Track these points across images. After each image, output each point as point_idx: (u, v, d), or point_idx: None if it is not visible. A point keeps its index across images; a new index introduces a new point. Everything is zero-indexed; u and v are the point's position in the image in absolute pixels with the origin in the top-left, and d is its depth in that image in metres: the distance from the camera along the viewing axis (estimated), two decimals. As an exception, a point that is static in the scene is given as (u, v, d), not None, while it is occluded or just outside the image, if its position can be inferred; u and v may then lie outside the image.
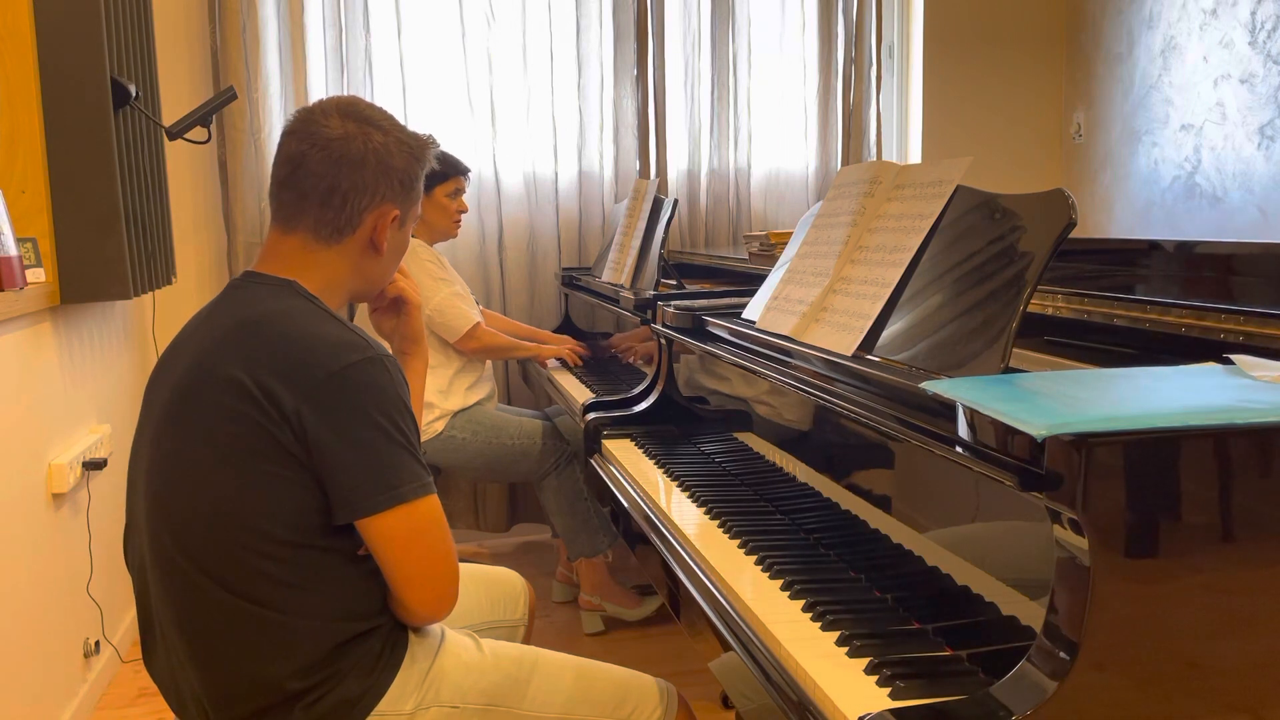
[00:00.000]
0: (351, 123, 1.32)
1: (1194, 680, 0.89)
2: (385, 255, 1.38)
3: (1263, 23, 3.11)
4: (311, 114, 1.34)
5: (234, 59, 3.22)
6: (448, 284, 2.93)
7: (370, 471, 1.21)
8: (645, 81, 3.62)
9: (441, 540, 1.27)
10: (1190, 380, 1.01)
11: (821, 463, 1.52)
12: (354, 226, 1.34)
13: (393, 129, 1.36)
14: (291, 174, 1.32)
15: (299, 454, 1.20)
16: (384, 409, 1.22)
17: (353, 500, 1.21)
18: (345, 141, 1.31)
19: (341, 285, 1.37)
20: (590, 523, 2.91)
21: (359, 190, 1.32)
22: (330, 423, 1.20)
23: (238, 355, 1.22)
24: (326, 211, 1.32)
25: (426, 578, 1.26)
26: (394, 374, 1.25)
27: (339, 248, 1.34)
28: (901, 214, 1.45)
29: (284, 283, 1.31)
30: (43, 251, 2.33)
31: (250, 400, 1.20)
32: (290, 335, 1.24)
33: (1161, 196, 3.56)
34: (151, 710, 2.51)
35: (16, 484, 2.12)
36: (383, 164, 1.33)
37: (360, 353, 1.23)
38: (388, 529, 1.22)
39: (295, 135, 1.33)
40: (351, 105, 1.35)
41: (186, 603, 1.25)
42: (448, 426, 2.86)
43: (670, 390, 2.19)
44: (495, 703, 1.35)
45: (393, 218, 1.36)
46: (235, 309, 1.30)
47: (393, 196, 1.35)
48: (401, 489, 1.22)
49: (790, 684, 1.08)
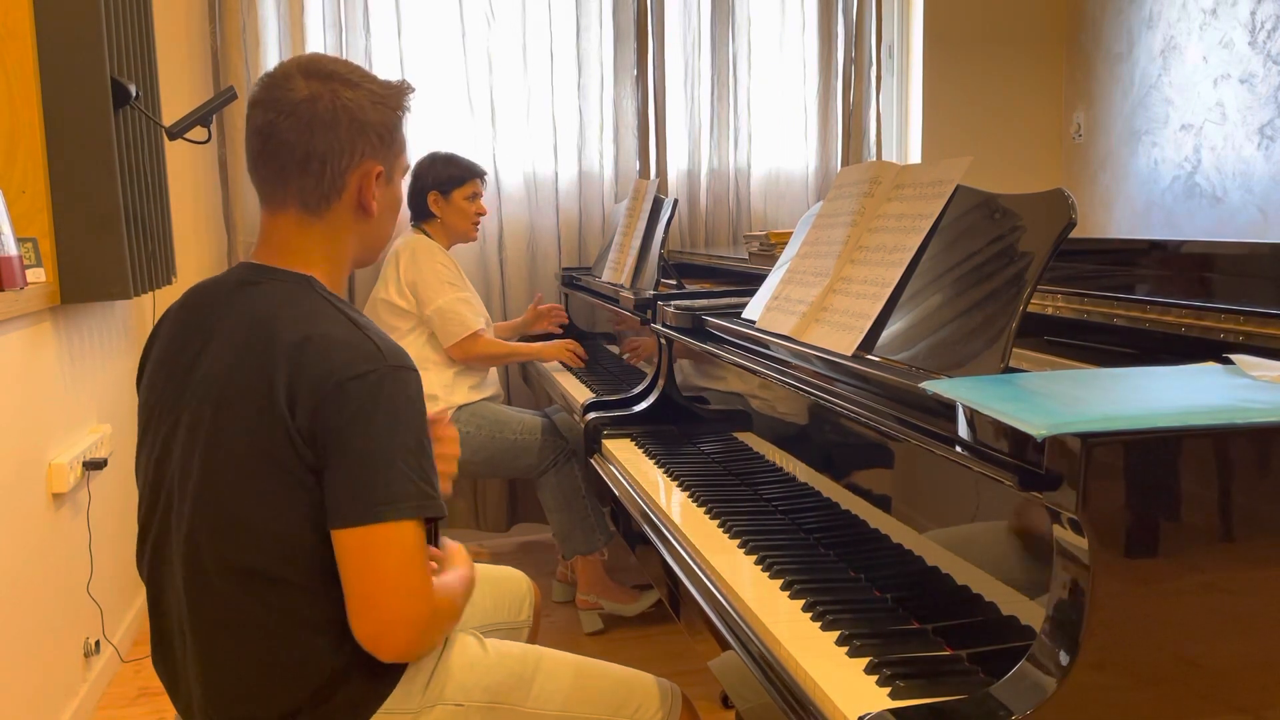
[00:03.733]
0: (316, 81, 1.25)
1: (1194, 680, 0.89)
2: (379, 215, 1.32)
3: (1263, 23, 3.11)
4: (274, 79, 1.27)
5: (234, 59, 3.22)
6: (456, 289, 2.95)
7: (354, 484, 1.16)
8: (645, 81, 3.62)
9: (412, 568, 1.17)
10: (1190, 380, 1.01)
11: (821, 462, 1.52)
12: (339, 190, 1.27)
13: (362, 81, 1.28)
14: (264, 146, 1.26)
15: (312, 463, 1.18)
16: (383, 423, 1.17)
17: (332, 508, 1.17)
18: (313, 102, 1.24)
19: (343, 256, 1.33)
20: (587, 521, 2.92)
21: (336, 151, 1.26)
22: (336, 430, 1.17)
23: (265, 364, 1.19)
24: (308, 179, 1.26)
25: (391, 603, 1.17)
26: (407, 388, 1.20)
27: (330, 216, 1.29)
28: (901, 214, 1.45)
29: (301, 279, 1.27)
30: (43, 251, 2.33)
31: (275, 410, 1.17)
32: (313, 341, 1.20)
33: (1161, 196, 3.56)
34: (152, 710, 2.51)
35: (16, 484, 2.12)
36: (356, 120, 1.26)
37: (374, 363, 1.19)
38: (357, 543, 1.16)
39: (261, 105, 1.26)
40: (313, 63, 1.28)
41: (216, 611, 1.23)
42: (451, 420, 2.87)
43: (670, 390, 2.19)
44: (499, 700, 1.35)
45: (377, 174, 1.29)
46: (256, 311, 1.25)
47: (373, 152, 1.28)
48: (380, 506, 1.16)
49: (790, 683, 1.08)
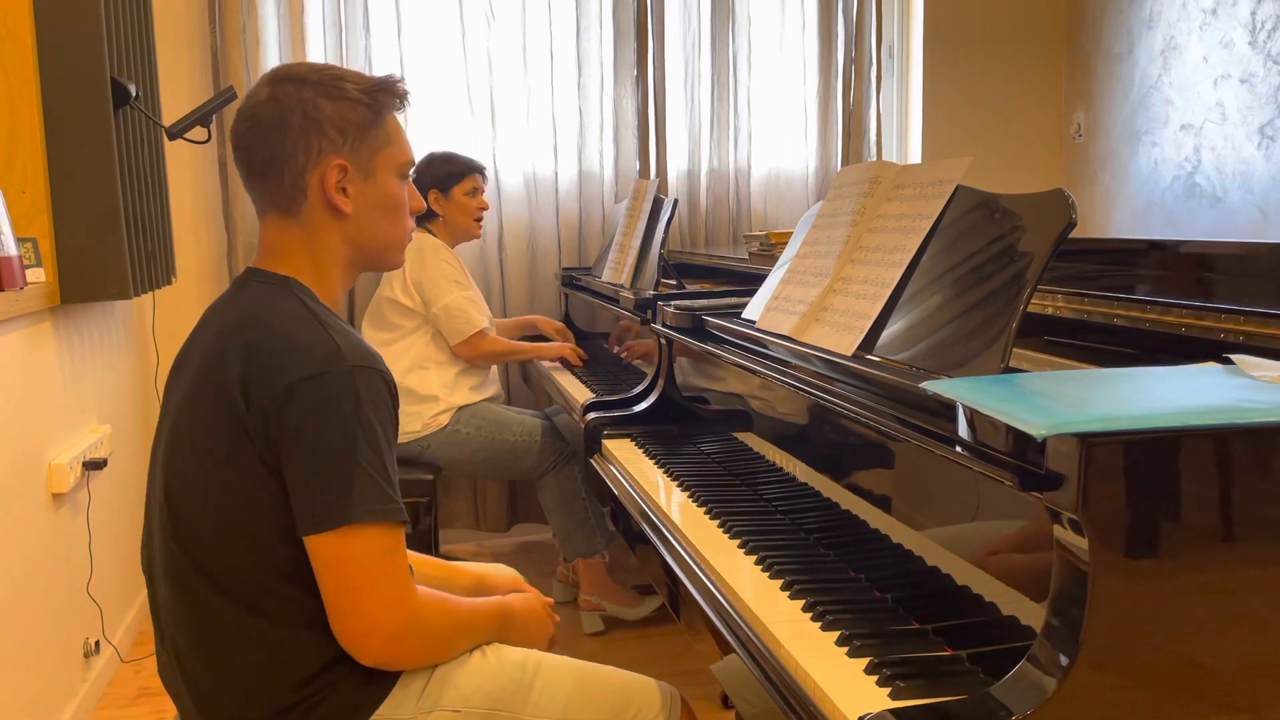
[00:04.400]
0: (278, 85, 1.25)
1: (1194, 680, 0.89)
2: (361, 212, 1.28)
3: (1263, 23, 3.11)
4: (250, 90, 1.29)
5: (234, 59, 3.22)
6: (461, 287, 2.97)
7: (316, 489, 1.15)
8: (645, 81, 3.62)
9: (386, 574, 1.17)
10: (1190, 380, 1.01)
11: (821, 462, 1.52)
12: (303, 190, 1.25)
13: (323, 79, 1.25)
14: (236, 155, 1.29)
15: (270, 462, 1.17)
16: (341, 425, 1.15)
17: (300, 515, 1.16)
18: (268, 105, 1.24)
19: (332, 261, 1.30)
20: (588, 522, 2.92)
21: (290, 152, 1.24)
22: (285, 434, 1.15)
23: (229, 360, 1.20)
24: (271, 182, 1.26)
25: (361, 613, 1.17)
26: (364, 388, 1.18)
27: (304, 218, 1.27)
28: (901, 214, 1.45)
29: (280, 280, 1.28)
30: (43, 251, 2.33)
31: (234, 409, 1.17)
32: (269, 339, 1.20)
33: (1161, 196, 3.56)
34: (151, 710, 2.51)
35: (16, 484, 2.12)
36: (308, 116, 1.23)
37: (330, 364, 1.17)
38: (325, 550, 1.15)
39: (237, 114, 1.29)
40: (283, 70, 1.28)
41: (192, 610, 1.24)
42: (452, 421, 2.89)
43: (670, 390, 2.19)
44: (498, 707, 1.34)
45: (337, 168, 1.25)
46: (233, 311, 1.29)
47: (331, 147, 1.25)
48: (344, 510, 1.14)
49: (790, 683, 1.08)
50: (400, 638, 1.20)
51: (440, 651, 1.30)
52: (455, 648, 1.32)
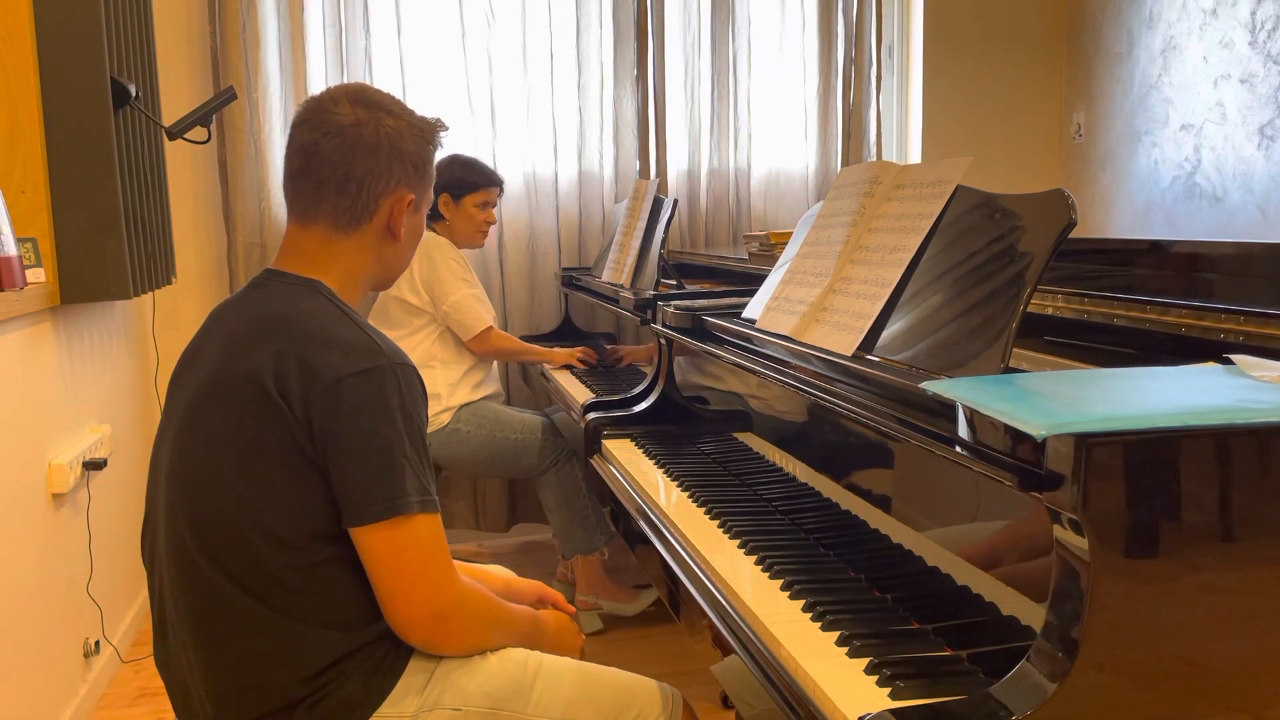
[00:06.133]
0: (362, 109, 1.33)
1: (1194, 680, 0.89)
2: (403, 241, 1.39)
3: (1263, 23, 3.11)
4: (321, 102, 1.34)
5: (234, 59, 3.22)
6: (468, 285, 2.97)
7: (370, 481, 1.21)
8: (645, 81, 3.62)
9: (433, 560, 1.24)
10: (1190, 380, 1.01)
11: (821, 463, 1.52)
12: (371, 213, 1.34)
13: (403, 114, 1.37)
14: (305, 164, 1.33)
15: (313, 455, 1.21)
16: (389, 419, 1.22)
17: (351, 507, 1.21)
18: (358, 128, 1.32)
19: (362, 275, 1.38)
20: (587, 520, 2.92)
21: (374, 176, 1.33)
22: (336, 428, 1.21)
23: (257, 355, 1.23)
24: (344, 199, 1.33)
25: (411, 596, 1.24)
26: (405, 385, 1.25)
27: (357, 236, 1.35)
28: (901, 214, 1.45)
29: (307, 282, 1.33)
30: (43, 251, 2.33)
31: (268, 401, 1.21)
32: (307, 337, 1.24)
33: (1161, 196, 3.56)
34: (151, 710, 2.51)
35: (16, 484, 2.12)
36: (396, 148, 1.34)
37: (372, 360, 1.23)
38: (380, 540, 1.22)
39: (307, 125, 1.33)
40: (360, 92, 1.36)
41: (201, 602, 1.25)
42: (453, 419, 2.89)
43: (670, 390, 2.19)
44: (498, 706, 1.34)
45: (408, 202, 1.37)
46: (257, 308, 1.32)
47: (407, 181, 1.36)
48: (397, 501, 1.21)
49: (790, 683, 1.08)
50: (446, 618, 1.27)
51: (480, 638, 1.34)
52: (492, 639, 1.36)
